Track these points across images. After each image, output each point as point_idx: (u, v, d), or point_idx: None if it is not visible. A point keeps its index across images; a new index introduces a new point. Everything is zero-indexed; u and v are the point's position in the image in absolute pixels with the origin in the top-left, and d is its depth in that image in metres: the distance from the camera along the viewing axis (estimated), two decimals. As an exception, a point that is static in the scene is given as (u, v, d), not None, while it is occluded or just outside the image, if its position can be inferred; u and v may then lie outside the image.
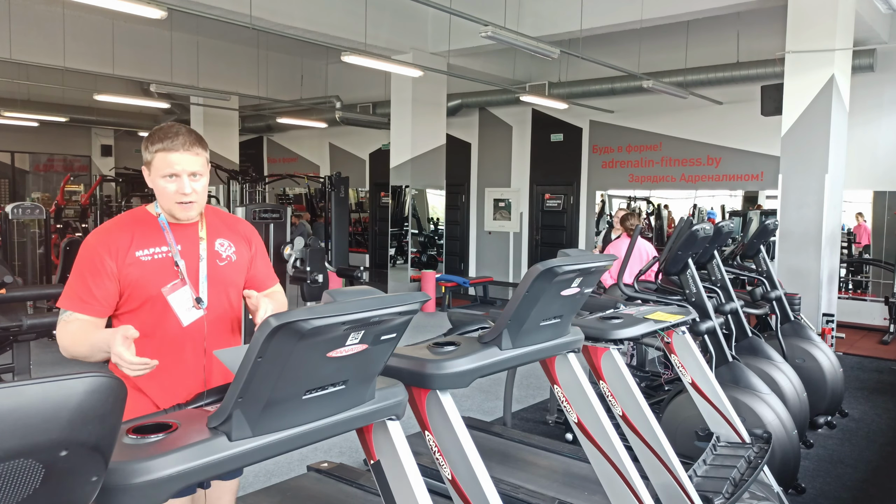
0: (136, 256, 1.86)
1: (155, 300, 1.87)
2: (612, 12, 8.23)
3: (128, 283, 1.85)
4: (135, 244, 1.87)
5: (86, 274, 1.85)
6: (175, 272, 1.89)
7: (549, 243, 12.05)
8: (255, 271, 2.08)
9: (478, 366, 2.00)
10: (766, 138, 9.38)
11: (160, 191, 1.89)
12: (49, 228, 8.59)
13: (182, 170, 1.85)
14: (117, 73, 10.11)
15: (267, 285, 2.12)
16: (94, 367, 1.89)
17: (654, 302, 3.80)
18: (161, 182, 1.87)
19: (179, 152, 1.84)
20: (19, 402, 0.85)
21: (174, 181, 1.86)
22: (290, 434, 1.43)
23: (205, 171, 1.92)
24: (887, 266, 9.08)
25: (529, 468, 3.62)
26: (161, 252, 1.89)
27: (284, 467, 3.92)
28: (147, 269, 1.87)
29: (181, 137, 1.86)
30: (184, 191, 1.87)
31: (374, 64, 7.72)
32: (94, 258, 1.85)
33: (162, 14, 5.62)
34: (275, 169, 16.23)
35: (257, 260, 2.10)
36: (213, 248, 1.98)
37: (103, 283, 1.84)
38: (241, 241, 2.06)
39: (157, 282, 1.87)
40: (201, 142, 1.92)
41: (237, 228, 2.09)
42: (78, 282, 1.86)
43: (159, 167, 1.86)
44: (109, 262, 1.84)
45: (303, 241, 6.57)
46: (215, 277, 1.96)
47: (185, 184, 1.86)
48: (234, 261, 2.02)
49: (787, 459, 3.65)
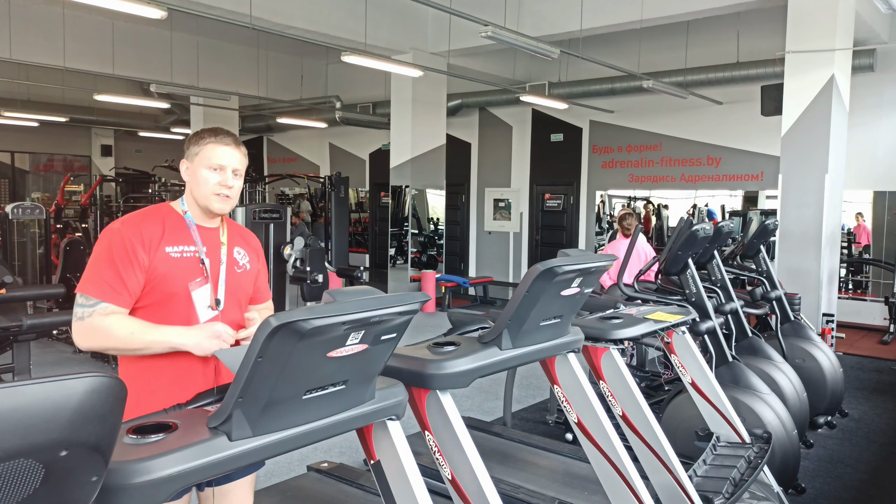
0: (166, 252, 1.89)
1: (177, 297, 1.90)
2: (612, 12, 8.23)
3: (156, 277, 1.86)
4: (166, 239, 1.90)
5: (118, 262, 1.82)
6: (200, 270, 1.94)
7: (549, 243, 12.05)
8: (258, 283, 2.15)
9: (478, 366, 2.01)
10: (766, 138, 9.38)
11: (201, 181, 1.94)
12: (49, 228, 8.59)
13: (228, 163, 1.96)
14: (117, 73, 10.11)
15: (263, 299, 2.19)
16: (94, 367, 1.89)
17: (654, 302, 3.80)
18: (205, 172, 1.94)
19: (231, 147, 1.97)
20: (19, 402, 0.85)
21: (219, 173, 1.95)
22: (290, 434, 1.43)
23: (242, 175, 2.02)
24: (887, 266, 9.08)
25: (529, 468, 3.62)
26: (189, 251, 1.94)
27: (284, 467, 3.92)
28: (176, 266, 1.90)
29: (231, 137, 1.99)
30: (227, 183, 1.95)
31: (374, 64, 7.72)
32: (127, 247, 1.83)
33: (162, 14, 5.62)
34: (275, 169, 16.23)
35: (262, 273, 2.18)
36: (231, 255, 2.05)
37: (135, 273, 1.83)
38: (252, 252, 2.13)
39: (183, 278, 1.91)
40: (245, 148, 2.05)
41: (249, 241, 2.16)
42: (109, 270, 1.82)
43: (208, 157, 1.94)
44: (142, 253, 1.84)
45: (303, 241, 6.56)
46: (232, 282, 2.01)
47: (229, 177, 1.96)
48: (248, 270, 2.09)
49: (787, 459, 3.65)
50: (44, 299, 7.20)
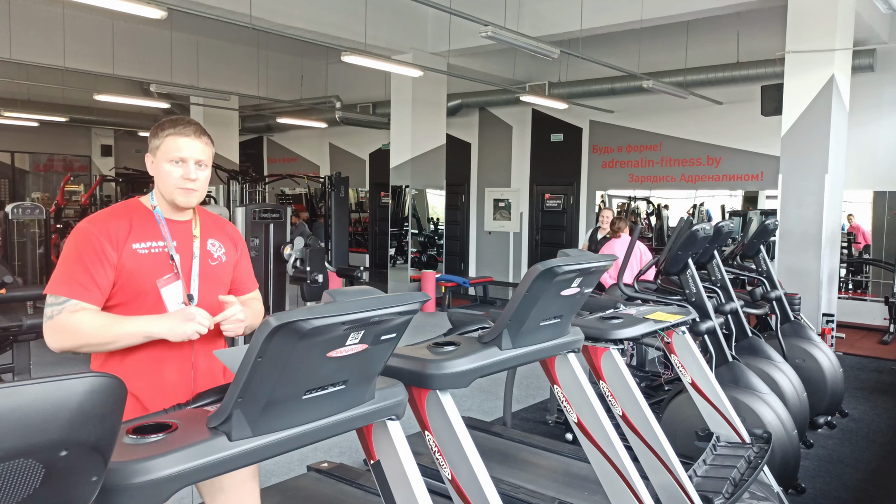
0: (133, 248, 1.85)
1: (147, 294, 1.86)
2: (612, 12, 8.23)
3: (123, 274, 1.83)
4: (133, 236, 1.86)
5: (86, 260, 1.79)
6: (170, 266, 1.90)
7: (549, 243, 12.05)
8: (238, 273, 2.10)
9: (478, 366, 2.00)
10: (766, 138, 9.38)
11: (164, 175, 1.90)
12: (49, 228, 8.59)
13: (190, 155, 1.89)
14: (117, 73, 10.10)
15: (247, 289, 2.14)
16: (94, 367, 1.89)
17: (654, 302, 3.80)
18: (167, 166, 1.89)
19: (190, 138, 1.89)
20: (19, 402, 0.85)
21: (181, 166, 1.89)
22: (290, 434, 1.43)
23: (208, 164, 1.95)
24: (887, 266, 9.08)
25: (529, 468, 3.62)
26: (158, 246, 1.89)
27: (284, 467, 3.92)
28: (143, 262, 1.86)
29: (192, 126, 1.91)
30: (189, 176, 1.89)
31: (374, 64, 7.72)
32: (95, 245, 1.80)
33: (162, 14, 5.62)
34: (275, 169, 16.23)
35: (242, 262, 2.12)
36: (205, 248, 1.99)
37: (104, 270, 1.80)
38: (228, 242, 2.08)
39: (152, 275, 1.86)
40: (209, 136, 1.97)
41: (225, 230, 2.11)
42: (77, 268, 1.79)
43: (168, 150, 1.88)
44: (110, 250, 1.81)
45: (303, 241, 6.56)
46: (206, 276, 1.97)
47: (192, 169, 1.89)
48: (224, 261, 2.04)
49: (787, 459, 3.65)
50: (44, 299, 7.19)
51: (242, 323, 1.89)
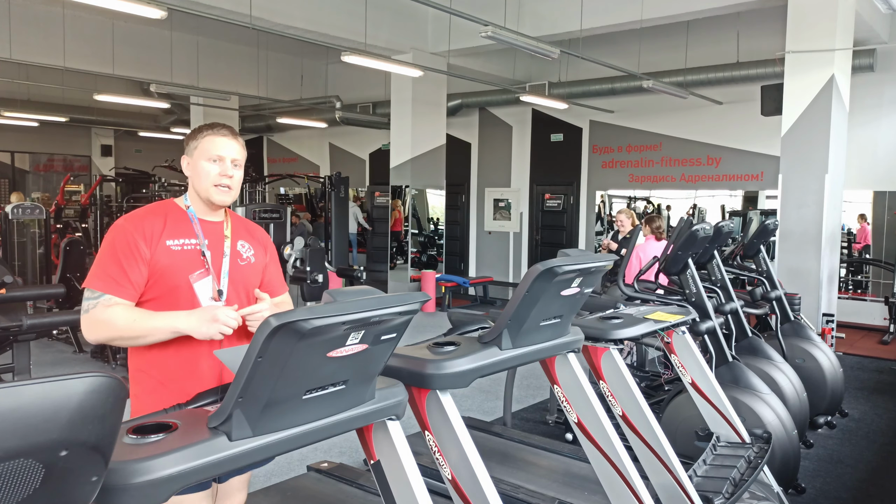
0: (166, 245, 1.92)
1: (180, 289, 1.92)
2: (612, 12, 8.23)
3: (157, 269, 1.89)
4: (167, 233, 1.93)
5: (121, 256, 1.86)
6: (202, 262, 1.96)
7: (549, 243, 12.05)
8: (267, 277, 2.16)
9: (478, 366, 2.00)
10: (766, 138, 9.38)
11: (202, 174, 1.97)
12: (49, 228, 8.60)
13: (227, 154, 1.99)
14: (117, 73, 10.10)
15: (277, 292, 2.19)
16: (95, 367, 1.89)
17: (654, 302, 3.80)
18: (205, 164, 1.97)
19: (227, 138, 2.00)
20: (19, 402, 0.85)
21: (218, 164, 1.98)
22: (290, 434, 1.43)
23: (242, 166, 2.05)
24: (887, 266, 9.08)
25: (529, 468, 3.62)
26: (190, 244, 1.96)
27: (284, 467, 3.92)
28: (176, 258, 1.92)
29: (228, 129, 2.03)
30: (227, 173, 1.98)
31: (374, 64, 7.72)
32: (130, 241, 1.88)
33: (162, 14, 5.62)
34: (275, 169, 16.23)
35: (270, 266, 2.18)
36: (235, 248, 2.06)
37: (138, 267, 1.87)
38: (258, 245, 2.14)
39: (185, 271, 1.93)
40: (242, 140, 2.08)
41: (255, 234, 2.18)
42: (112, 264, 1.87)
43: (206, 149, 1.98)
44: (144, 247, 1.88)
45: (303, 241, 6.56)
46: (235, 275, 2.03)
47: (228, 167, 1.98)
48: (253, 263, 2.10)
49: (787, 459, 3.65)
50: (44, 299, 7.20)
51: None
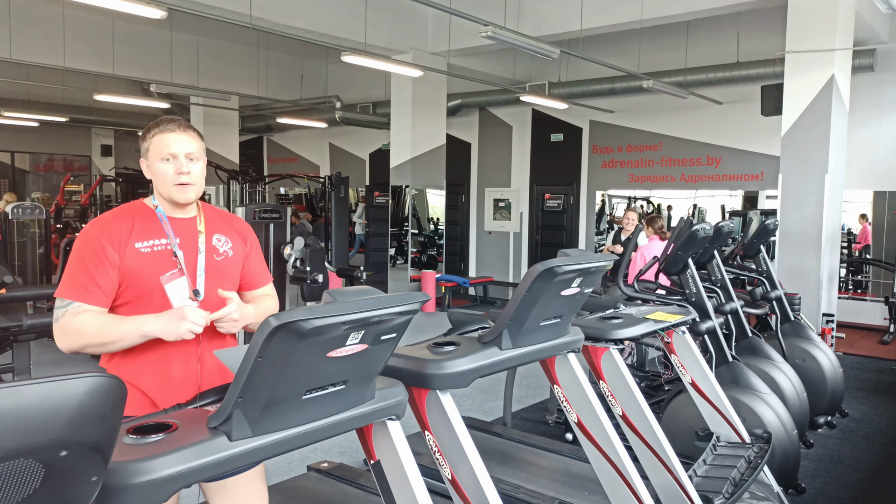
0: (135, 248, 1.87)
1: (153, 292, 1.87)
2: (612, 12, 8.23)
3: (127, 273, 1.85)
4: (135, 235, 1.88)
5: (87, 263, 1.83)
6: (174, 262, 1.91)
7: (549, 243, 12.04)
8: (249, 268, 2.10)
9: (478, 366, 2.00)
10: (766, 138, 9.38)
11: (159, 175, 1.91)
12: (49, 228, 8.59)
13: (179, 150, 1.91)
14: (117, 73, 10.10)
15: (260, 283, 2.14)
16: (94, 367, 1.89)
17: (654, 302, 3.80)
18: (159, 166, 1.91)
19: (176, 133, 1.91)
20: (19, 402, 0.85)
21: (172, 162, 1.91)
22: (290, 434, 1.43)
23: (201, 156, 1.96)
24: (887, 266, 9.08)
25: (529, 468, 3.62)
26: (160, 244, 1.91)
27: (284, 467, 3.92)
28: (146, 261, 1.87)
29: (176, 122, 1.94)
30: (182, 170, 1.90)
31: (374, 64, 7.72)
32: (96, 247, 1.83)
33: (162, 14, 5.62)
34: (275, 169, 16.23)
35: (252, 256, 2.12)
36: (210, 243, 2.00)
37: (106, 272, 1.83)
38: (237, 237, 2.08)
39: (156, 273, 1.88)
40: (196, 130, 1.99)
41: (233, 225, 2.11)
42: (79, 271, 1.83)
43: (157, 149, 1.91)
44: (111, 251, 1.84)
45: (303, 241, 6.55)
46: (213, 271, 1.97)
47: (183, 163, 1.91)
48: (231, 256, 2.04)
49: (787, 459, 3.65)
50: (44, 299, 7.18)
51: (238, 323, 1.89)
